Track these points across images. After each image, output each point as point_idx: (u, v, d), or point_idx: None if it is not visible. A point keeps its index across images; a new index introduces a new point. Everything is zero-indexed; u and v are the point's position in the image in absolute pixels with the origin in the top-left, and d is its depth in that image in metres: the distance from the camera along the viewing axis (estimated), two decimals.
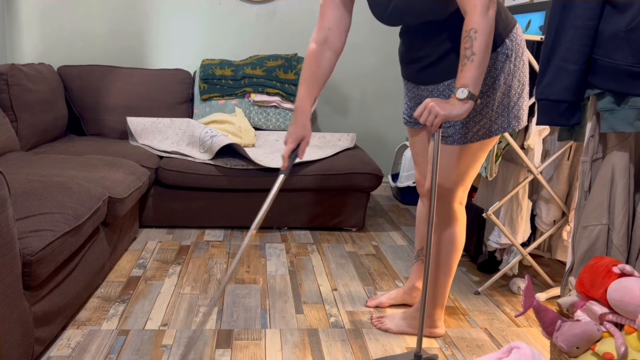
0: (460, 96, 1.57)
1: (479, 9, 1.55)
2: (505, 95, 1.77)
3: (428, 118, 1.61)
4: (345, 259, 2.79)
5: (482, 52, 1.56)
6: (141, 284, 2.39)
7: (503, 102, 1.78)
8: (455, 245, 1.94)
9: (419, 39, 1.81)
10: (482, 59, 1.57)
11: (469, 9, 1.57)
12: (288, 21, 3.81)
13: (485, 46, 1.56)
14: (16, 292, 1.57)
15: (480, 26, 1.55)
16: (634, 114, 1.60)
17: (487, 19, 1.56)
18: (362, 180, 3.08)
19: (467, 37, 1.57)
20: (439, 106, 1.59)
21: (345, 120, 4.00)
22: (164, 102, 3.53)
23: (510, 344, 1.56)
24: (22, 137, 2.96)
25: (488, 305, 2.34)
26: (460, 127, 1.80)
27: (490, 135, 1.81)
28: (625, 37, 1.58)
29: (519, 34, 1.78)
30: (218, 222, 3.12)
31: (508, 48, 1.74)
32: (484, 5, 1.55)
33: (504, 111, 1.79)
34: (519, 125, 1.83)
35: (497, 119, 1.79)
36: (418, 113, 1.64)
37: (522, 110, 1.83)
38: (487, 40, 1.56)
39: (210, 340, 1.97)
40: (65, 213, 1.91)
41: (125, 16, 3.68)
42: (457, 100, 1.58)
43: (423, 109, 1.62)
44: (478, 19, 1.56)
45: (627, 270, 1.52)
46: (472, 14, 1.56)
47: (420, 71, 1.85)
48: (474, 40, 1.56)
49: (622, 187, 1.69)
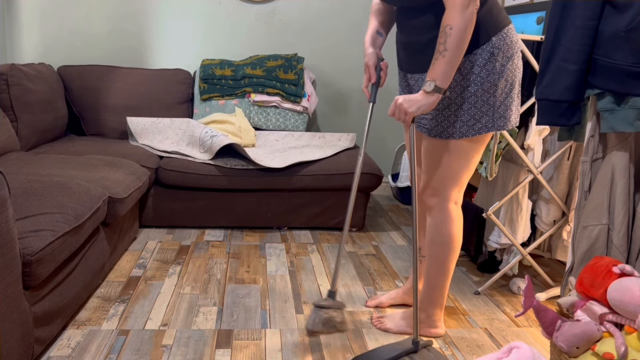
0: (427, 89, 1.67)
1: (457, 7, 1.61)
2: (490, 94, 1.78)
3: (400, 116, 1.72)
4: (345, 259, 2.79)
5: (454, 49, 1.63)
6: (141, 284, 2.39)
7: (488, 101, 1.79)
8: (451, 246, 1.94)
9: (407, 24, 1.85)
10: (453, 55, 1.64)
11: (448, 5, 1.63)
12: (288, 21, 3.81)
13: (457, 43, 1.63)
14: (16, 292, 1.57)
15: (455, 23, 1.61)
16: (634, 114, 1.60)
17: (463, 16, 1.61)
18: (362, 180, 3.08)
19: (442, 32, 1.64)
20: (407, 104, 1.69)
21: (345, 120, 4.00)
22: (164, 102, 3.53)
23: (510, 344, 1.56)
24: (22, 137, 2.96)
25: (488, 305, 2.34)
26: (442, 119, 1.82)
27: (474, 133, 1.81)
28: (625, 37, 1.58)
29: (510, 34, 1.78)
30: (218, 222, 3.12)
31: (494, 46, 1.74)
32: (463, 3, 1.60)
33: (489, 110, 1.80)
34: (505, 126, 1.83)
35: (482, 117, 1.80)
36: (390, 112, 1.75)
37: (509, 110, 1.83)
38: (461, 37, 1.62)
39: (210, 340, 1.97)
40: (65, 213, 1.91)
41: (125, 16, 3.68)
42: (424, 93, 1.68)
43: (394, 107, 1.73)
44: (455, 15, 1.61)
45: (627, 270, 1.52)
46: (450, 10, 1.62)
47: (408, 58, 1.89)
48: (448, 36, 1.62)
49: (622, 187, 1.69)
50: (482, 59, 1.75)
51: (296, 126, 3.57)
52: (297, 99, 3.53)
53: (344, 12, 3.83)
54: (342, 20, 3.84)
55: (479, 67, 1.76)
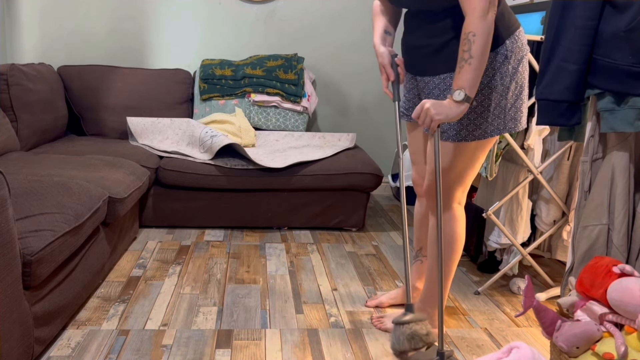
0: (457, 98, 1.64)
1: (478, 12, 1.59)
2: (502, 96, 1.78)
3: (425, 120, 1.69)
4: (345, 259, 2.79)
5: (479, 56, 1.61)
6: (141, 284, 2.39)
7: (500, 104, 1.78)
8: (454, 246, 1.94)
9: (419, 27, 1.83)
10: (479, 62, 1.61)
11: (469, 11, 1.61)
12: (288, 21, 3.81)
13: (482, 49, 1.61)
14: (16, 292, 1.57)
15: (478, 29, 1.59)
16: (634, 114, 1.60)
17: (485, 22, 1.59)
18: (362, 180, 3.08)
19: (465, 39, 1.61)
20: (435, 110, 1.65)
21: (345, 120, 4.00)
22: (164, 102, 3.53)
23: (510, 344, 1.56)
24: (22, 137, 2.96)
25: (488, 305, 2.34)
26: (455, 123, 1.81)
27: (486, 136, 1.81)
28: (625, 37, 1.58)
29: (520, 37, 1.78)
30: (218, 222, 3.12)
31: (507, 49, 1.75)
32: (484, 9, 1.59)
33: (501, 113, 1.80)
34: (515, 128, 1.83)
35: (494, 120, 1.80)
36: (416, 114, 1.71)
37: (519, 112, 1.83)
38: (484, 43, 1.61)
39: (210, 340, 1.97)
40: (65, 213, 1.91)
41: (125, 16, 3.68)
42: (453, 102, 1.65)
43: (420, 110, 1.70)
44: (477, 22, 1.59)
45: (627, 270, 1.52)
46: (471, 17, 1.60)
47: (419, 61, 1.87)
48: (472, 43, 1.60)
49: (622, 187, 1.69)
50: (497, 63, 1.75)
51: (296, 126, 3.57)
52: (297, 99, 3.53)
53: (344, 12, 3.83)
54: (342, 20, 3.84)
55: (493, 70, 1.75)
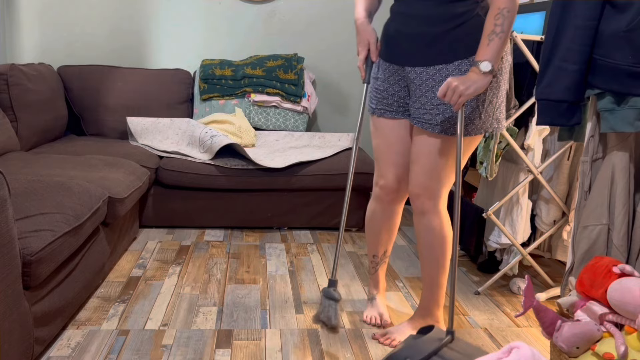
0: (485, 69, 1.65)
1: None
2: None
3: (452, 97, 1.66)
4: (345, 259, 2.79)
5: (507, 31, 1.65)
6: (141, 284, 2.39)
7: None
8: (447, 246, 1.94)
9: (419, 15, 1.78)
10: (506, 37, 1.66)
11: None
12: (288, 21, 3.81)
13: (510, 25, 1.65)
14: (16, 292, 1.57)
15: (511, 6, 1.64)
16: (634, 114, 1.60)
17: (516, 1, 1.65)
18: (362, 180, 3.08)
19: (499, 14, 1.63)
20: (463, 85, 1.64)
21: (345, 120, 4.00)
22: (164, 102, 3.53)
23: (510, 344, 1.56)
24: (22, 137, 2.96)
25: (488, 305, 2.34)
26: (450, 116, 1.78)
27: (476, 132, 1.81)
28: (625, 37, 1.58)
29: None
30: (218, 222, 3.12)
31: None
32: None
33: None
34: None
35: (487, 118, 1.81)
36: (441, 93, 1.67)
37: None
38: (513, 19, 1.65)
39: (210, 340, 1.97)
40: (65, 213, 1.91)
41: (125, 16, 3.68)
42: (479, 73, 1.65)
43: (446, 89, 1.66)
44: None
45: (627, 270, 1.52)
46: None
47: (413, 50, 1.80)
48: (505, 18, 1.63)
49: (622, 187, 1.69)
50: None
51: (296, 126, 3.57)
52: (297, 99, 3.53)
53: (344, 12, 3.83)
54: (342, 20, 3.84)
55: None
